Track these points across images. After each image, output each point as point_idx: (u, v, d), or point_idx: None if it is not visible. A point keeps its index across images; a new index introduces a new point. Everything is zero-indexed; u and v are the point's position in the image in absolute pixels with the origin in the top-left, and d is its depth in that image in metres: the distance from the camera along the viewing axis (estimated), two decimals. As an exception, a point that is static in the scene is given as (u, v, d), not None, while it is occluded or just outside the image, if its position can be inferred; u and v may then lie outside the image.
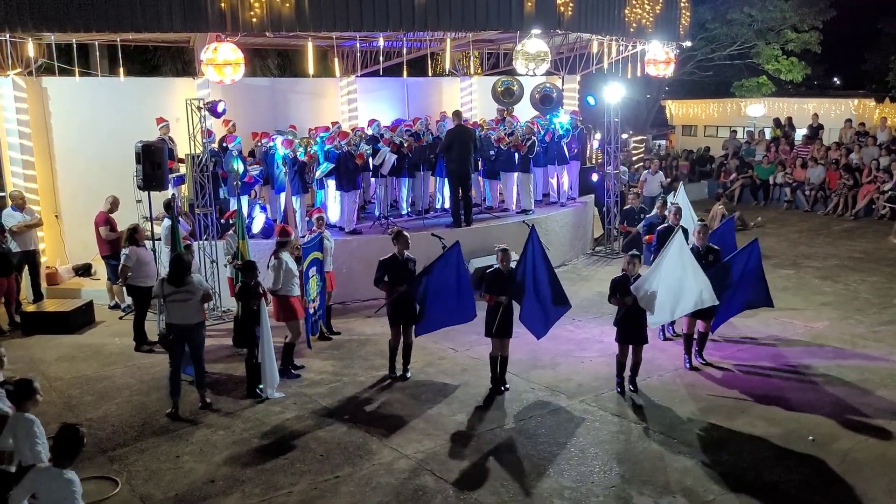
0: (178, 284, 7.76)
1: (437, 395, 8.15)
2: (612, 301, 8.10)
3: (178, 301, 7.78)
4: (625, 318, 7.98)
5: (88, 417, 7.79)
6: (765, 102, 24.94)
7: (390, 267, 8.45)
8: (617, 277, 8.11)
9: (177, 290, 7.77)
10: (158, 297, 8.09)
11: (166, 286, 7.82)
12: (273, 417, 7.69)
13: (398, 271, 8.45)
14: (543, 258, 8.28)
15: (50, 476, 4.57)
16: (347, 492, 6.24)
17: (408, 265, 8.53)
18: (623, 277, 8.03)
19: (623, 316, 7.97)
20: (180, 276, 7.79)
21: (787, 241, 15.44)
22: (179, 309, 7.80)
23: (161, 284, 7.93)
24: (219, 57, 10.88)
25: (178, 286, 7.76)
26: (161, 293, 7.91)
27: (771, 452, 6.76)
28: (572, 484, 6.29)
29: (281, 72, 22.60)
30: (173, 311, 7.84)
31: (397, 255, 8.51)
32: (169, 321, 7.97)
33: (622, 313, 7.98)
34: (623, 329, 8.02)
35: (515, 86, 16.14)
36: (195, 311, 7.88)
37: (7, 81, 12.03)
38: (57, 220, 12.86)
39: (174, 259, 8.10)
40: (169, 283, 7.80)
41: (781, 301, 11.30)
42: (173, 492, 6.31)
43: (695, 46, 21.30)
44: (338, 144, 11.90)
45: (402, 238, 8.56)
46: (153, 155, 10.19)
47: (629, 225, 12.76)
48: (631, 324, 7.97)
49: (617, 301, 8.03)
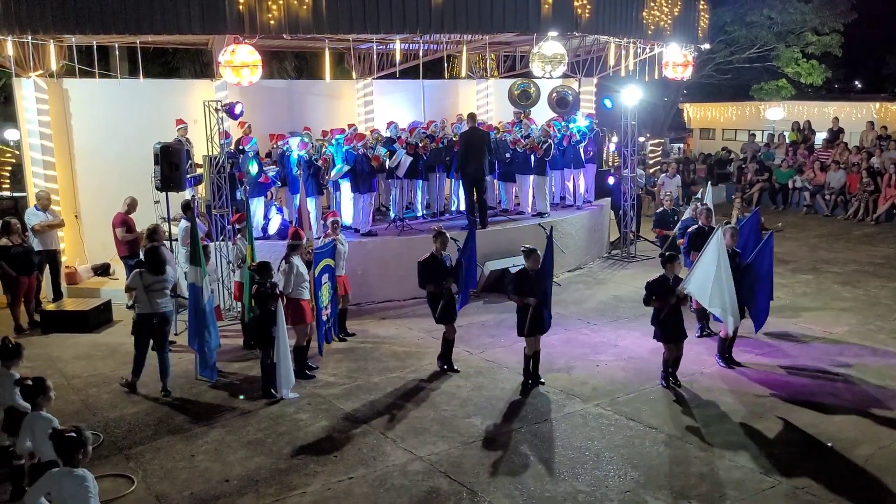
0: (158, 273, 8.33)
1: (452, 398, 8.13)
2: (653, 303, 8.07)
3: (157, 290, 8.35)
4: (667, 318, 8.02)
5: (105, 416, 7.84)
6: (784, 106, 24.74)
7: (431, 266, 8.61)
8: (654, 280, 8.10)
9: (156, 279, 8.34)
10: (137, 288, 8.41)
11: (146, 276, 8.32)
12: (287, 418, 7.70)
13: (439, 270, 8.62)
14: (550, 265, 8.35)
15: (60, 474, 4.60)
16: (361, 493, 6.23)
17: (446, 263, 8.74)
18: (661, 279, 8.04)
19: (666, 316, 8.01)
20: (159, 266, 8.36)
21: (806, 246, 15.29)
22: (159, 297, 8.36)
23: (139, 276, 8.36)
24: (236, 59, 10.93)
25: (158, 275, 8.33)
26: (141, 283, 8.33)
27: (790, 457, 6.68)
28: (587, 488, 6.24)
29: (298, 74, 22.69)
30: (153, 299, 8.33)
31: (436, 255, 8.67)
32: (146, 311, 8.37)
33: (665, 313, 8.00)
34: (666, 329, 8.08)
35: (532, 88, 16.11)
36: (169, 299, 8.50)
37: (29, 83, 12.16)
38: (77, 221, 12.97)
39: (151, 250, 8.59)
40: (150, 274, 8.31)
41: (801, 306, 11.22)
42: (188, 490, 6.33)
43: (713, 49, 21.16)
44: (355, 146, 11.92)
45: (442, 237, 8.73)
46: (171, 156, 10.27)
47: (664, 229, 12.71)
48: (673, 322, 8.05)
49: (659, 303, 8.01)
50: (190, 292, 8.80)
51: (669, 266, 8.10)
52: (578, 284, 12.75)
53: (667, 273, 8.07)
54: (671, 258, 8.19)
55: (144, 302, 8.37)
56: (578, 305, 11.48)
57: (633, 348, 9.43)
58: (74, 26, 10.94)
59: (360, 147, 11.94)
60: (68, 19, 10.82)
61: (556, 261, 12.72)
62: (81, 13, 10.76)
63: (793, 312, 10.84)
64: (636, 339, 9.70)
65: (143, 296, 8.35)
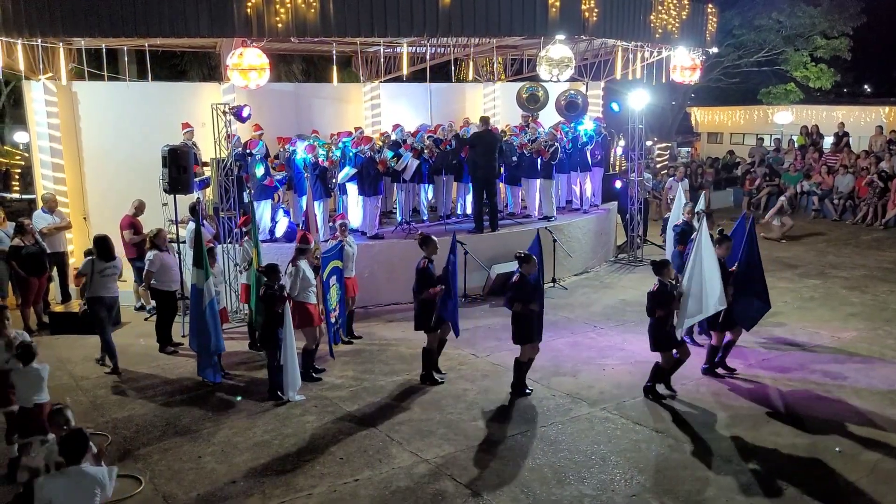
0: (108, 259, 9.08)
1: (458, 401, 8.13)
2: (658, 313, 7.92)
3: (108, 275, 9.12)
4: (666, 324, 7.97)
5: (114, 416, 7.88)
6: (793, 110, 24.66)
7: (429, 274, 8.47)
8: (655, 290, 7.94)
9: (107, 265, 9.08)
10: (89, 274, 9.09)
11: (98, 263, 9.04)
12: (294, 420, 7.72)
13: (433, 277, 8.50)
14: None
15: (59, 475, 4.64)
16: (367, 495, 6.24)
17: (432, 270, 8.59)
18: (661, 288, 7.93)
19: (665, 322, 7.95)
20: (109, 253, 9.11)
21: (814, 251, 15.23)
22: (110, 282, 9.16)
23: (91, 263, 9.06)
24: (244, 62, 10.98)
25: (108, 261, 9.08)
26: (93, 270, 9.03)
27: (797, 463, 6.66)
28: (593, 492, 6.23)
29: (305, 77, 22.77)
30: (104, 284, 9.09)
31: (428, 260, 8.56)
32: (99, 294, 9.09)
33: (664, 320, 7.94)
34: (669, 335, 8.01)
35: (541, 92, 16.11)
36: (116, 286, 9.35)
37: (38, 86, 12.25)
38: (85, 223, 13.03)
39: (101, 238, 9.27)
40: (100, 260, 9.06)
41: (808, 311, 11.18)
42: (195, 491, 6.35)
43: (721, 53, 21.12)
44: (362, 149, 11.95)
45: (431, 243, 8.61)
46: (179, 158, 10.30)
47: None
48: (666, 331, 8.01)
49: (665, 312, 7.92)
50: (192, 294, 8.84)
51: (665, 272, 8.00)
52: (585, 288, 12.74)
53: (664, 280, 7.99)
54: (664, 264, 8.11)
55: (96, 286, 9.07)
56: (585, 309, 11.47)
57: (640, 352, 9.39)
58: (83, 29, 11.02)
59: (367, 150, 11.97)
60: (77, 22, 10.89)
61: (562, 264, 12.86)
62: (90, 16, 10.83)
63: (800, 317, 10.80)
64: (643, 343, 9.60)
65: (96, 281, 9.05)
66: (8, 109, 24.04)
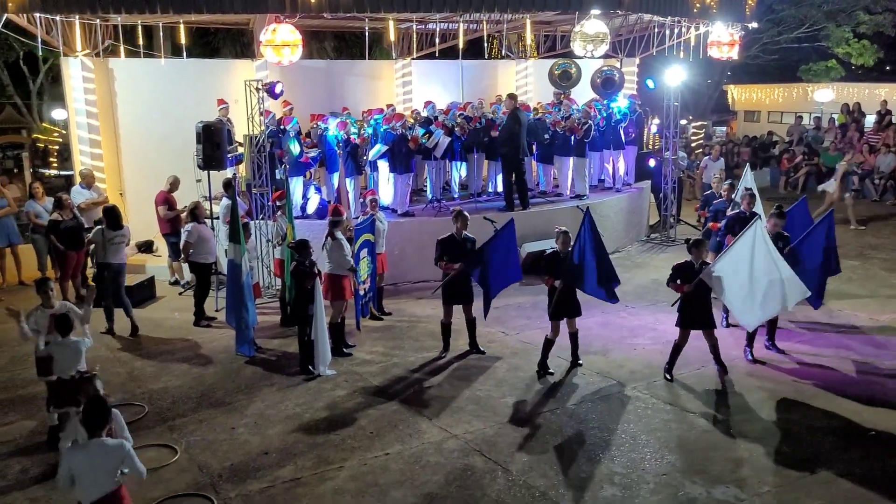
0: (117, 228, 9.61)
1: (488, 378, 8.15)
2: (671, 285, 7.97)
3: (116, 243, 9.65)
4: (688, 304, 7.87)
5: (150, 388, 8.04)
6: (833, 87, 24.05)
7: (448, 245, 8.55)
8: (681, 263, 7.99)
9: (115, 234, 9.60)
10: (99, 242, 9.65)
11: (107, 232, 9.58)
12: (325, 394, 7.81)
13: (455, 250, 8.55)
14: (595, 243, 8.16)
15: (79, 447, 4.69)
16: (397, 469, 6.30)
17: (465, 245, 8.64)
18: (688, 264, 7.91)
19: (687, 301, 7.86)
20: (118, 222, 9.65)
21: (853, 231, 14.91)
22: (118, 251, 9.68)
23: (101, 233, 9.61)
24: (277, 38, 10.99)
25: (117, 230, 9.60)
26: (103, 238, 9.58)
27: (831, 445, 6.57)
28: (623, 470, 6.22)
29: (337, 54, 22.75)
30: (112, 252, 9.63)
31: (455, 235, 8.60)
32: (108, 261, 9.64)
33: (685, 299, 7.86)
34: (686, 314, 7.93)
35: (573, 69, 15.91)
36: (124, 253, 9.89)
37: (76, 62, 12.41)
38: (121, 198, 13.24)
39: (110, 209, 9.83)
40: (109, 229, 9.60)
41: (846, 292, 10.97)
42: (229, 462, 6.47)
43: (760, 28, 20.58)
44: (393, 126, 11.93)
45: (462, 217, 8.65)
46: (213, 135, 10.40)
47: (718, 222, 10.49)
48: (697, 308, 7.88)
49: (675, 286, 7.90)
50: (229, 269, 8.94)
51: (696, 251, 7.92)
52: (617, 268, 12.41)
53: (693, 258, 7.91)
54: (697, 243, 8.02)
55: (105, 253, 9.62)
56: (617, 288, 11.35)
57: (672, 332, 9.21)
58: (121, 6, 11.10)
59: (399, 127, 11.95)
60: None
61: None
62: (126, -7, 10.91)
63: (838, 299, 10.60)
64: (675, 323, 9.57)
65: (103, 248, 9.61)
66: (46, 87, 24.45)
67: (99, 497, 4.61)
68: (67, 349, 6.40)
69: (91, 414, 4.65)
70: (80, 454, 4.64)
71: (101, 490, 4.61)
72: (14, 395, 7.88)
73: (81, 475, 4.60)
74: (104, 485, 4.62)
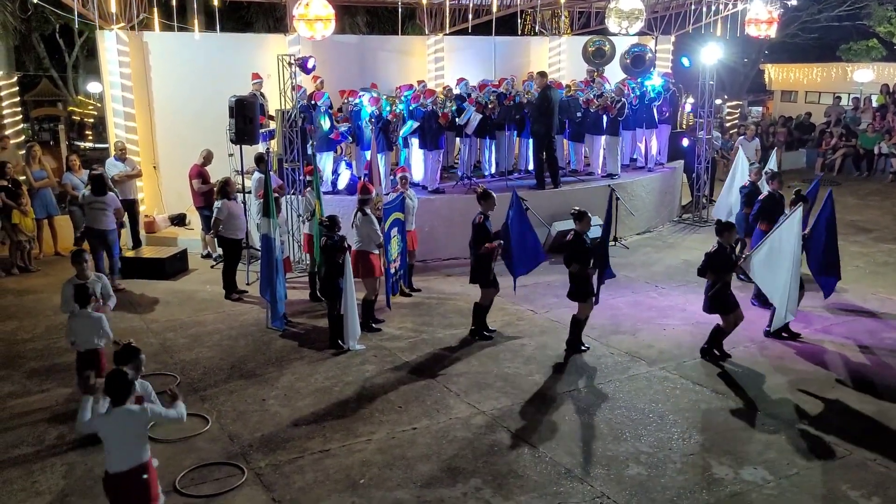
0: (98, 194, 9.86)
1: (515, 355, 8.17)
2: (709, 276, 7.76)
3: (96, 209, 9.91)
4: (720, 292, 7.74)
5: (182, 358, 8.19)
6: (874, 67, 23.42)
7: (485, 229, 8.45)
8: (713, 251, 7.76)
9: (96, 199, 9.86)
10: (84, 205, 10.12)
11: (88, 196, 9.96)
12: (354, 369, 7.89)
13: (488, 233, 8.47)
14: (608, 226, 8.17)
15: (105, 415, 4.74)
16: (424, 443, 6.36)
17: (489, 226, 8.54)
18: (720, 250, 7.74)
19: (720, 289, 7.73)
20: (101, 188, 9.91)
21: (890, 215, 14.61)
22: (98, 216, 9.95)
23: (83, 196, 10.09)
24: (310, 12, 10.98)
25: (98, 196, 9.85)
26: (83, 202, 10.03)
27: (861, 430, 6.49)
28: (649, 449, 6.22)
29: (369, 29, 22.68)
30: (92, 217, 9.96)
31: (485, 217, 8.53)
32: (89, 225, 10.09)
33: (719, 288, 7.72)
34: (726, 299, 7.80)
35: (607, 46, 15.68)
36: (109, 220, 10.08)
37: (111, 35, 12.52)
38: (155, 171, 13.41)
39: (96, 176, 10.16)
40: (91, 194, 9.92)
41: (881, 276, 10.79)
42: (259, 432, 6.58)
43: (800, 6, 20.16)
44: (423, 103, 11.89)
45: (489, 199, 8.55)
46: (246, 109, 10.45)
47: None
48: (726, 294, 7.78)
49: (713, 277, 7.73)
50: (263, 243, 9.02)
51: (727, 235, 7.77)
52: (647, 248, 12.54)
53: (723, 242, 7.75)
54: (728, 226, 7.86)
55: (87, 217, 10.09)
56: (647, 269, 11.31)
57: (702, 313, 9.21)
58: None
59: (430, 104, 11.90)
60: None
61: (624, 223, 12.66)
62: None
63: (871, 282, 10.42)
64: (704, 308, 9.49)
65: (87, 213, 10.04)
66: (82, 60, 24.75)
67: (127, 468, 4.64)
68: (85, 320, 6.48)
69: (112, 386, 4.67)
70: (107, 420, 4.68)
71: (129, 460, 4.64)
72: (50, 364, 8.06)
73: (110, 440, 4.67)
74: (132, 452, 4.66)
